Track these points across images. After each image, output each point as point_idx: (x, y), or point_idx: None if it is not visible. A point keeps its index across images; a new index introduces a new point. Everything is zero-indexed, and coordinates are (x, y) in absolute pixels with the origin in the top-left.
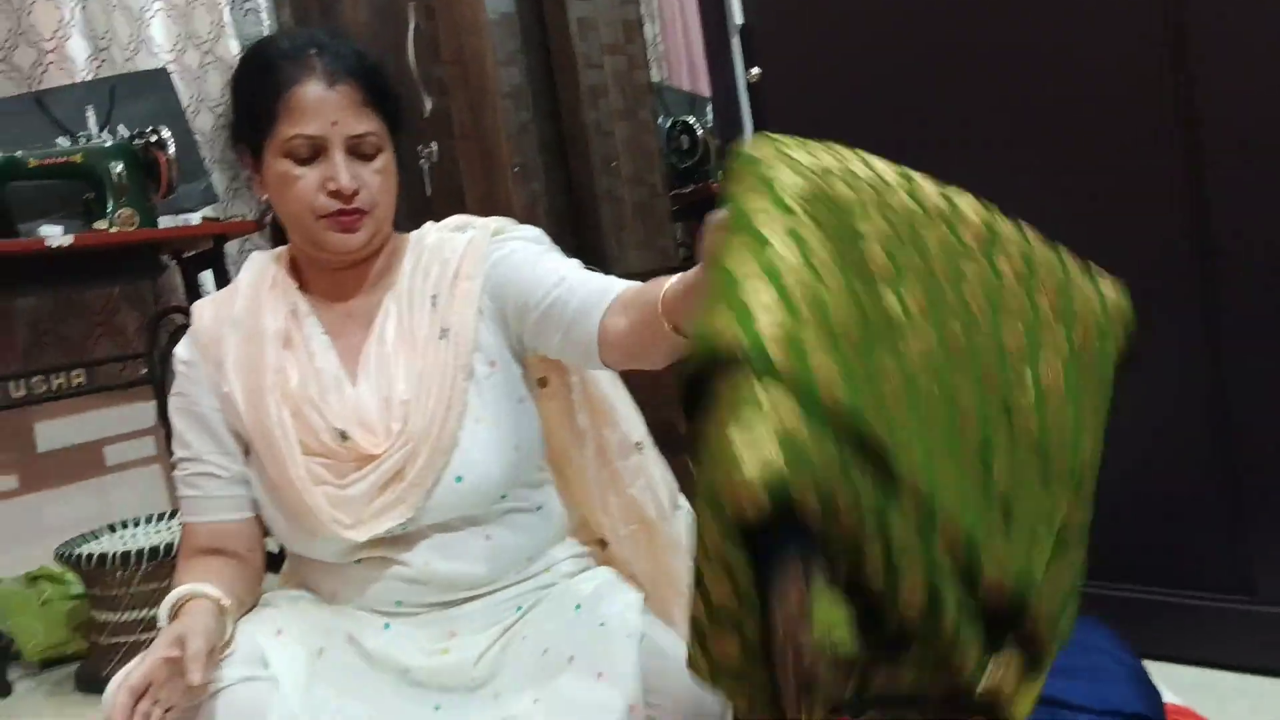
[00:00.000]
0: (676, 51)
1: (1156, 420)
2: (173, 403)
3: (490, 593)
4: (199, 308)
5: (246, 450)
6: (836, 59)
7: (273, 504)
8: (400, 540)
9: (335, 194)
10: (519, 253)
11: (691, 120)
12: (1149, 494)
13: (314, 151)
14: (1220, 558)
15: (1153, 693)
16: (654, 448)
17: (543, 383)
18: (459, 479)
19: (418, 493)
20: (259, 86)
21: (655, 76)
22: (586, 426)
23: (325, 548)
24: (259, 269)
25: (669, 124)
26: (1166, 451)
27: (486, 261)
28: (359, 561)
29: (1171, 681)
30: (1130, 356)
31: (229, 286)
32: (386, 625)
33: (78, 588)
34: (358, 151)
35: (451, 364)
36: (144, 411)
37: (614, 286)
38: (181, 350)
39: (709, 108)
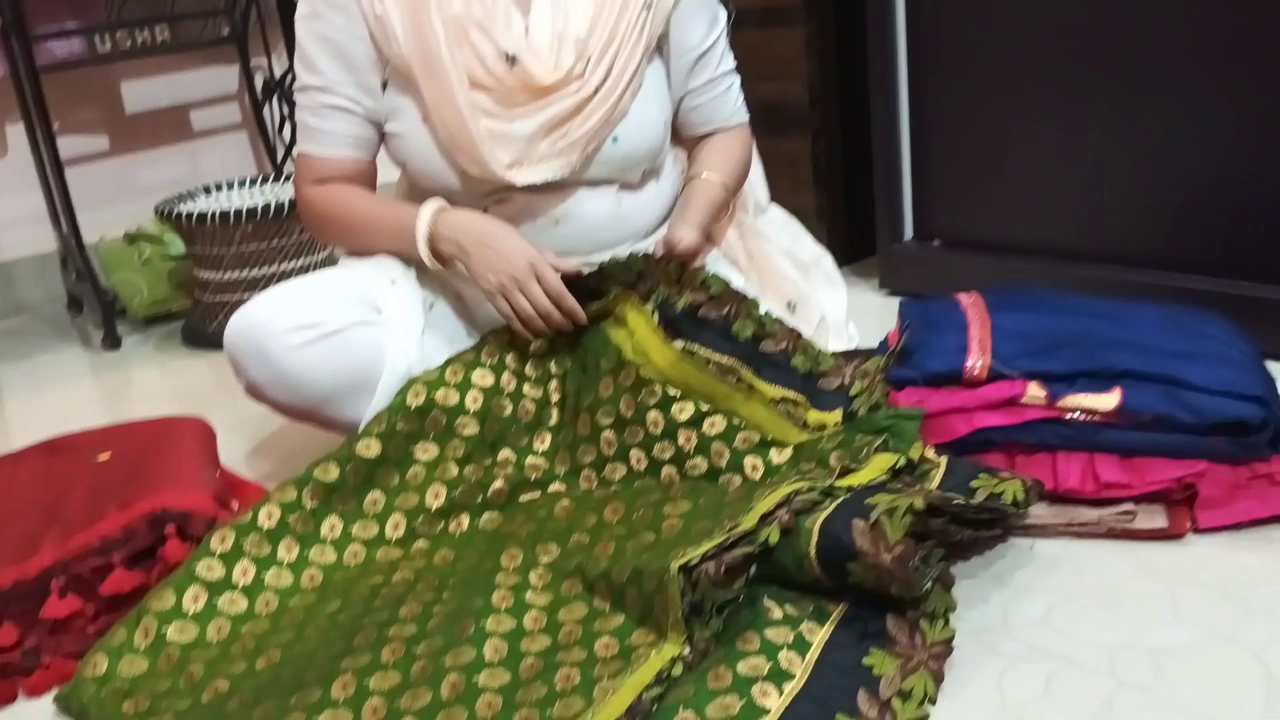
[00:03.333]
0: None
1: (1274, 114)
2: (304, 25)
3: (608, 253)
4: None
5: (384, 85)
6: None
7: (427, 137)
8: (540, 190)
9: None
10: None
11: None
12: (1266, 187)
13: None
14: None
15: (1270, 380)
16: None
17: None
18: (615, 140)
19: (581, 149)
20: None
21: None
22: None
23: (467, 187)
24: None
25: None
26: (1270, 156)
27: None
28: (486, 209)
29: None
30: None
31: None
32: None
33: (177, 248)
34: None
35: (645, 36)
36: (228, 76)
37: (721, 125)
38: None
39: None
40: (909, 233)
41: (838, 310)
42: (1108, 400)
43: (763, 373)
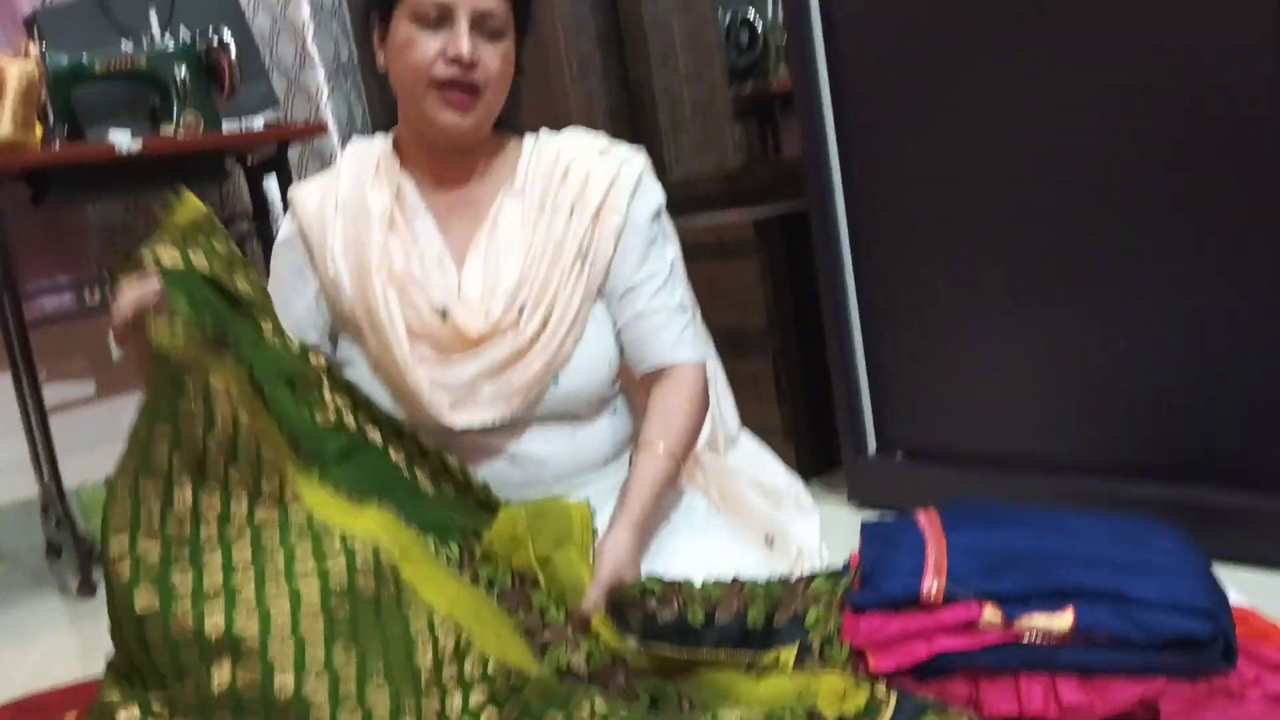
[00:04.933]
0: None
1: (1225, 321)
2: (269, 278)
3: (566, 491)
4: (300, 191)
5: (333, 339)
6: None
7: (378, 385)
8: (492, 430)
9: (454, 61)
10: (642, 233)
11: (752, 15)
12: (1218, 394)
13: (441, 17)
14: None
15: (1219, 591)
16: (722, 374)
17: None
18: (556, 382)
19: (523, 396)
20: None
21: None
22: None
23: (422, 426)
24: (363, 152)
25: (728, 18)
26: (1236, 352)
27: (627, 213)
28: (445, 444)
29: (1238, 583)
30: None
31: (330, 170)
32: None
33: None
34: (483, 29)
35: (583, 288)
36: None
37: (665, 358)
38: (285, 229)
39: (770, 2)
40: (872, 446)
41: (812, 538)
42: (1062, 620)
43: (721, 645)
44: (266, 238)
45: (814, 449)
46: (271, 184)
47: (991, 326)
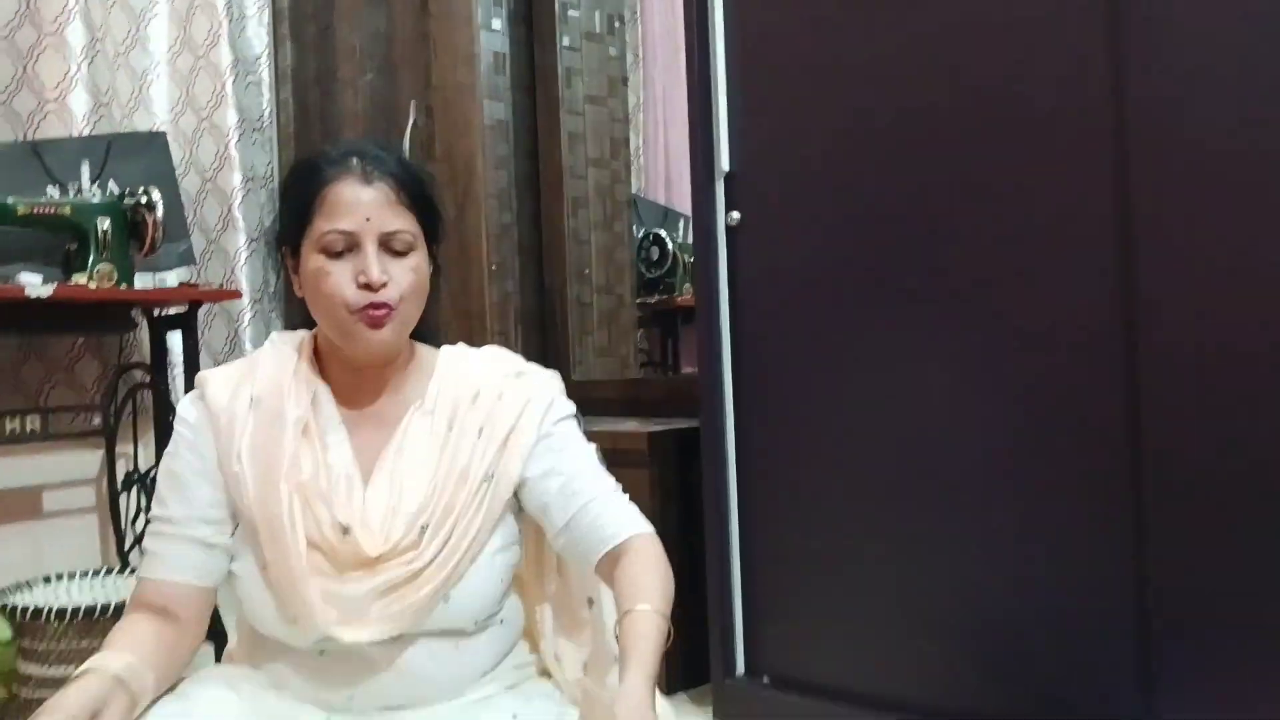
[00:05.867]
0: (655, 166)
1: (1066, 568)
2: (165, 462)
3: (444, 702)
4: (209, 378)
5: (234, 525)
6: (813, 209)
7: (263, 586)
8: (378, 643)
9: (365, 286)
10: (560, 443)
11: (663, 233)
12: (1075, 648)
13: (348, 246)
14: (1125, 699)
15: None
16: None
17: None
18: (446, 599)
19: (413, 615)
20: (301, 187)
21: (632, 188)
22: (550, 567)
23: (299, 635)
24: (284, 350)
25: (641, 234)
26: (1070, 598)
27: (539, 429)
28: (322, 653)
29: None
30: None
31: (244, 361)
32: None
33: (4, 633)
34: (390, 248)
35: (487, 509)
36: (89, 461)
37: (618, 533)
38: (188, 413)
39: (681, 221)
40: (740, 668)
41: None
42: None
43: None
44: (160, 390)
45: (685, 662)
46: (176, 339)
47: (862, 569)
